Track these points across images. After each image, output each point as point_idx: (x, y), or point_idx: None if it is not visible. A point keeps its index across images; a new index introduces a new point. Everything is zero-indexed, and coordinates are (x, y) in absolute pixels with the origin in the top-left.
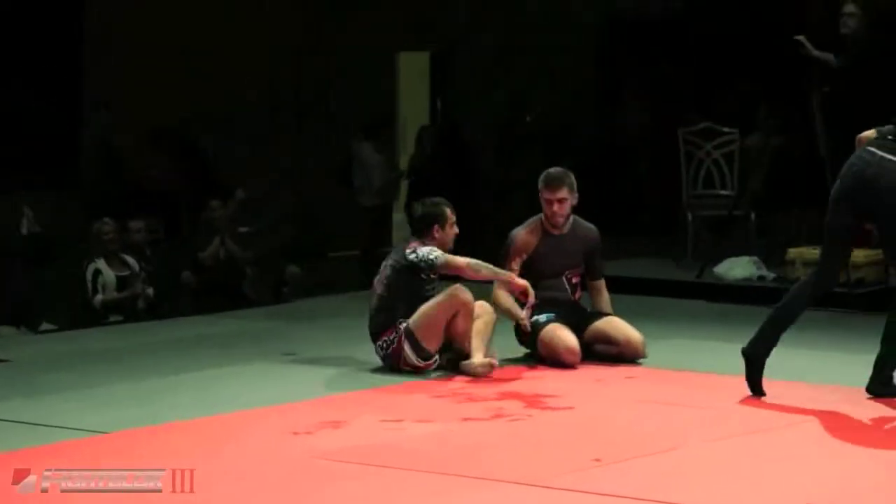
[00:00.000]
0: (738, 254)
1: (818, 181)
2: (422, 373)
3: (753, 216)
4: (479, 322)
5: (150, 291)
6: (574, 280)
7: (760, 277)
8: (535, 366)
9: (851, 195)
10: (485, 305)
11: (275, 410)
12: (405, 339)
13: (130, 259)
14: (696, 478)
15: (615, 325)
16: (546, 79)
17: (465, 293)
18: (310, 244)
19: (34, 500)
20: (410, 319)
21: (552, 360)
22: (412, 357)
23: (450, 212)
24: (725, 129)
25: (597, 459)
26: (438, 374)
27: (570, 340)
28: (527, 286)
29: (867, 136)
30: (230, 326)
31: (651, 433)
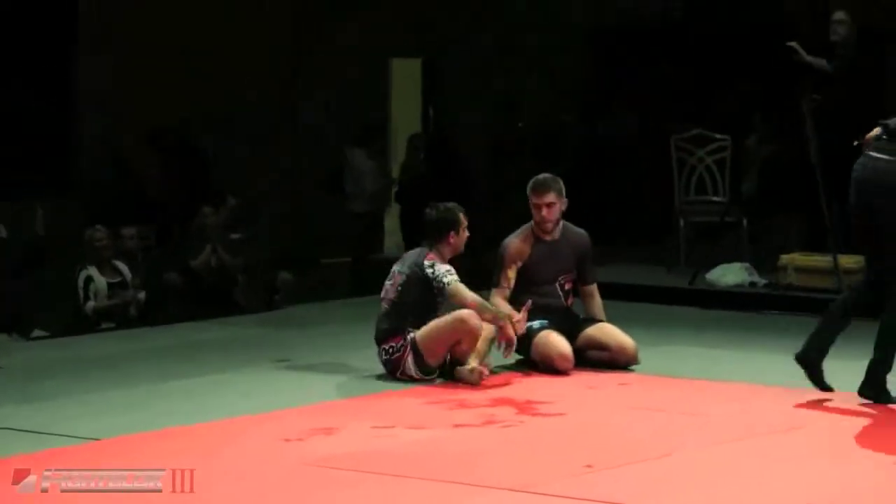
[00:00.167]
0: (730, 260)
1: (810, 187)
2: (416, 381)
3: (745, 222)
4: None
5: (142, 296)
6: (567, 286)
7: (752, 283)
8: (528, 372)
9: (855, 198)
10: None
11: (267, 417)
12: (410, 351)
13: (122, 266)
14: (689, 484)
15: (607, 332)
16: (538, 85)
17: (475, 321)
18: (301, 251)
19: (34, 500)
20: (418, 332)
21: (545, 367)
22: (412, 369)
23: (463, 216)
24: (717, 136)
25: (589, 466)
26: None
27: (564, 347)
28: (513, 340)
29: (872, 136)
30: (222, 333)
31: (643, 439)
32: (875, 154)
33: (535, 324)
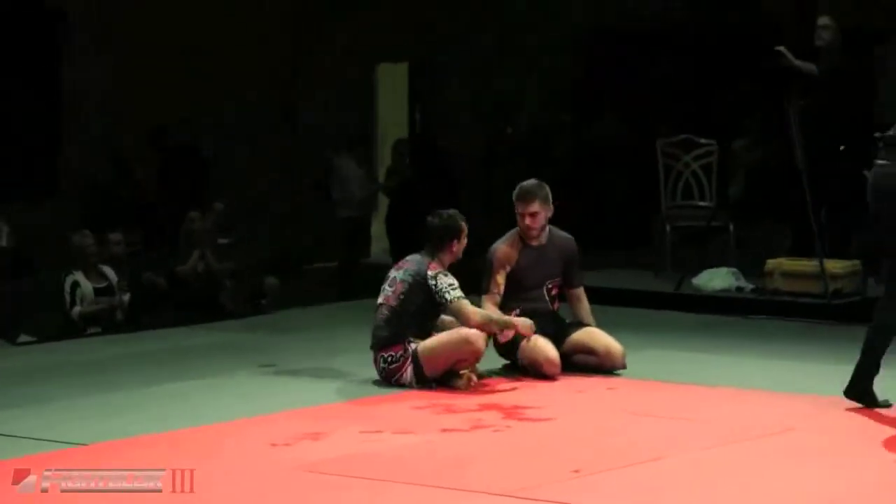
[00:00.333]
0: (717, 265)
1: (796, 192)
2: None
3: (732, 227)
4: None
5: (126, 299)
6: (554, 291)
7: (739, 288)
8: (515, 377)
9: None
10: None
11: (253, 422)
12: (410, 363)
13: (108, 270)
14: (676, 489)
15: (595, 336)
16: (526, 90)
17: (480, 343)
18: (288, 256)
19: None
20: (420, 345)
21: (533, 371)
22: (410, 379)
23: (464, 224)
24: (703, 141)
25: (576, 470)
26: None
27: (551, 352)
28: (510, 337)
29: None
30: (208, 338)
31: (631, 444)
32: (878, 160)
33: None
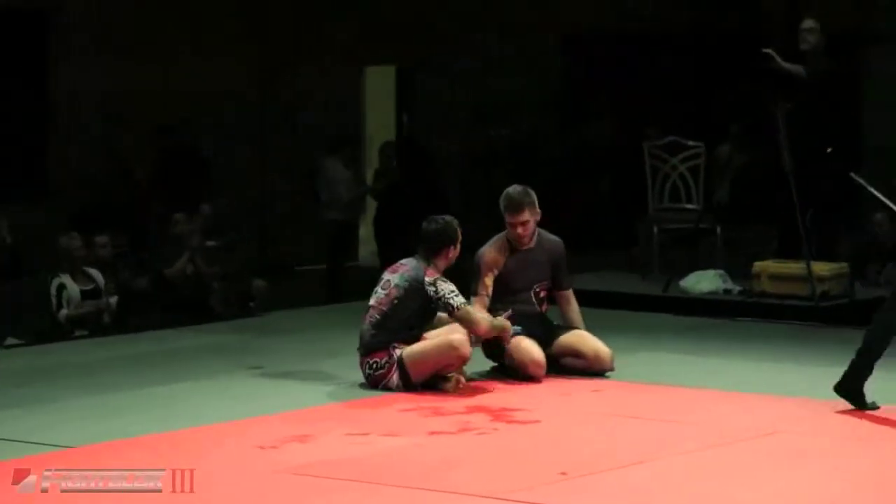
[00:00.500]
0: (705, 267)
1: (784, 195)
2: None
3: (719, 230)
4: None
5: (114, 301)
6: (542, 294)
7: (726, 291)
8: (502, 379)
9: None
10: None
11: (241, 424)
12: (396, 369)
13: (95, 273)
14: (664, 491)
15: (584, 339)
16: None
17: (466, 348)
18: (276, 258)
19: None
20: (406, 351)
21: (519, 373)
22: (397, 384)
23: (460, 230)
24: (691, 143)
25: (563, 473)
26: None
27: (536, 353)
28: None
29: None
30: (196, 340)
31: (618, 446)
32: None
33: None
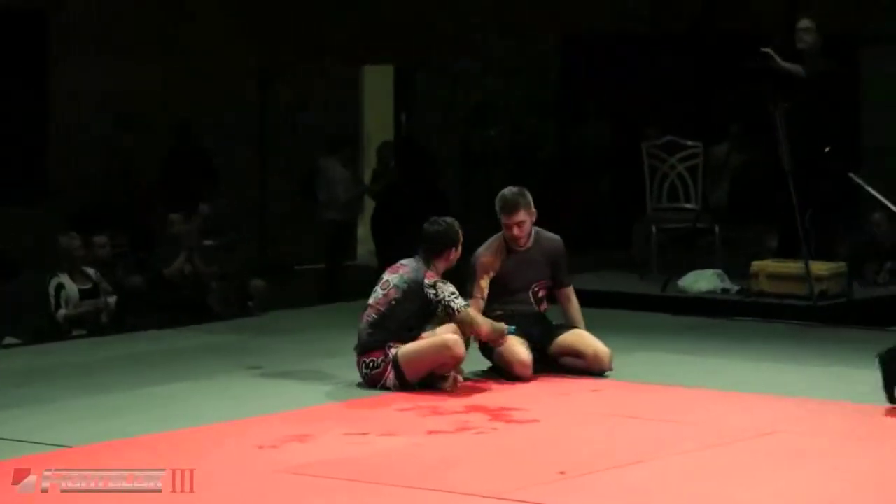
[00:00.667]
0: (703, 267)
1: (782, 194)
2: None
3: (717, 229)
4: None
5: (112, 301)
6: (541, 293)
7: (724, 290)
8: (501, 379)
9: None
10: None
11: (240, 424)
12: (391, 368)
13: (93, 272)
14: (662, 491)
15: (583, 339)
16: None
17: (460, 348)
18: (275, 258)
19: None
20: (400, 350)
21: (505, 373)
22: (393, 383)
23: (461, 231)
24: (689, 143)
25: (562, 472)
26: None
27: (523, 354)
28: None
29: None
30: (195, 340)
31: (616, 446)
32: None
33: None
